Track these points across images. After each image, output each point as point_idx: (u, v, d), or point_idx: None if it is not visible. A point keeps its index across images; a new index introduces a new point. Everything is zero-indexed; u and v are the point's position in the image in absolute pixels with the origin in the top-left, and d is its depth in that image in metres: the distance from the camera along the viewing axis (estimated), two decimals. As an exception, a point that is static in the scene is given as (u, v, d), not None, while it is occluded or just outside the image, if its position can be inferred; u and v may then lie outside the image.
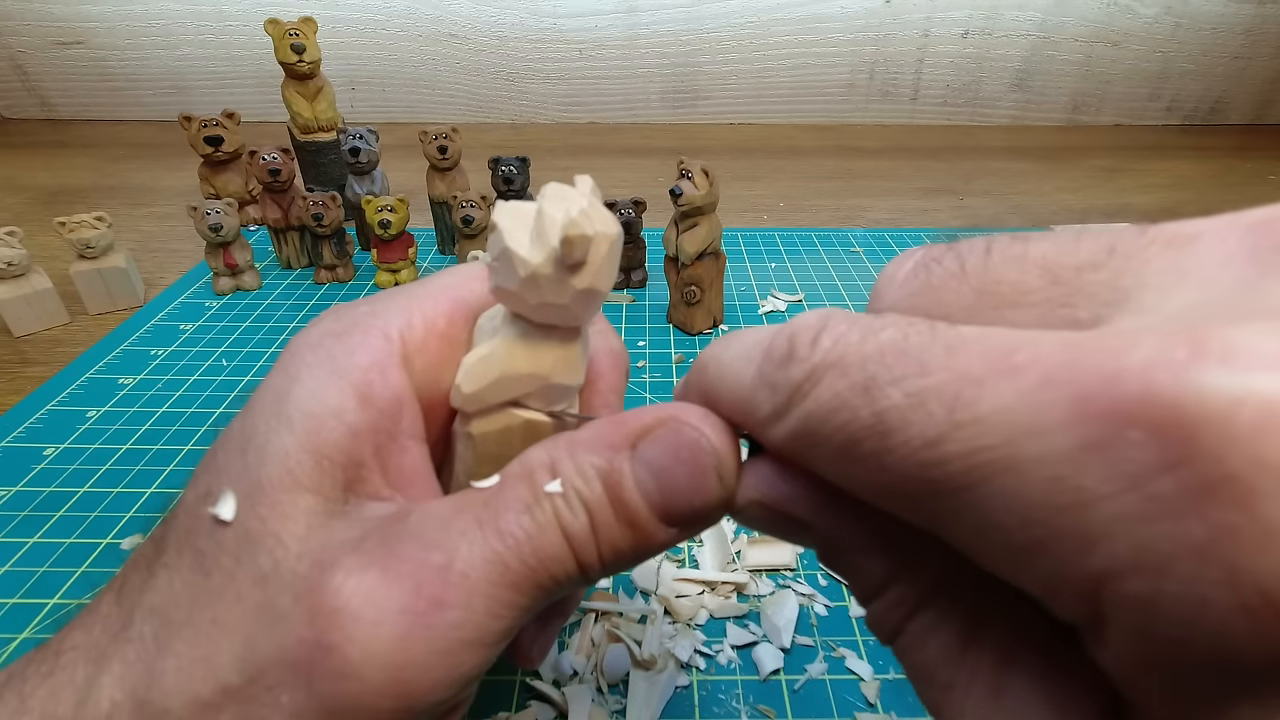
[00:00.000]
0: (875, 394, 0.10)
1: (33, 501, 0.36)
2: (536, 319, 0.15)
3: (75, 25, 1.01)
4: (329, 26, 1.00)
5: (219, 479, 0.15)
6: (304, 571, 0.13)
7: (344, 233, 0.58)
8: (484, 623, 0.14)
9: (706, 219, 0.48)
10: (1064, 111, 1.13)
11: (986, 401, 0.09)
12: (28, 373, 0.47)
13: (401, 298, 0.17)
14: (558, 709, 0.27)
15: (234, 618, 0.13)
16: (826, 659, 0.29)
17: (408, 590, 0.13)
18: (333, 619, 0.13)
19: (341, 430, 0.15)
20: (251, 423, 0.15)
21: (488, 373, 0.16)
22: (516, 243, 0.14)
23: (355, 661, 0.13)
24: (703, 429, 0.14)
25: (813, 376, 0.11)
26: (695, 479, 0.14)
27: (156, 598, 0.14)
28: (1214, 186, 0.86)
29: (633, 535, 0.14)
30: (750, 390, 0.13)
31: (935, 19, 1.05)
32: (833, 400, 0.11)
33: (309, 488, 0.14)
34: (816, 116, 1.13)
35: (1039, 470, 0.08)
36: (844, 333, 0.11)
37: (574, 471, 0.14)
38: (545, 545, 0.14)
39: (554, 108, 1.11)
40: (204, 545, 0.14)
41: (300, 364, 0.16)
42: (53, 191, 0.80)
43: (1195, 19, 1.06)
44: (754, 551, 0.33)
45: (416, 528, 0.14)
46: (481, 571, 0.13)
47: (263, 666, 0.13)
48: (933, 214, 0.76)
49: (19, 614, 0.30)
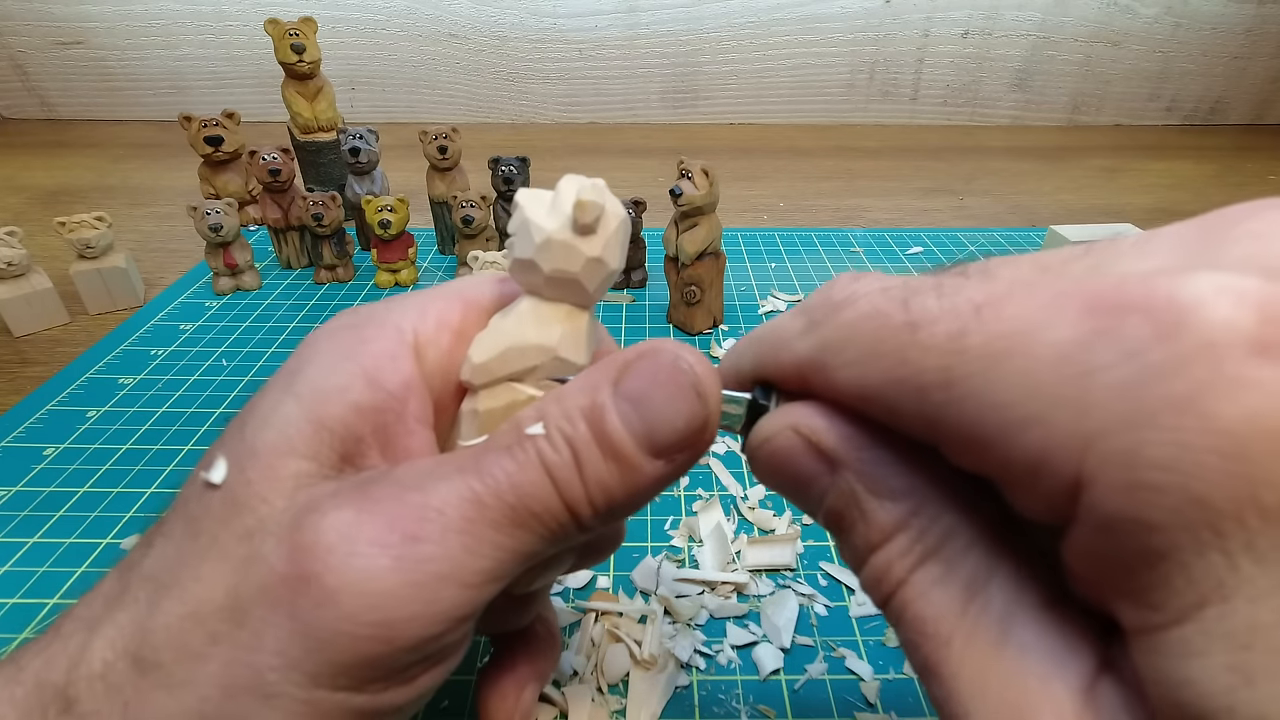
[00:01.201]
0: (911, 302, 0.12)
1: (33, 501, 0.36)
2: (549, 293, 0.16)
3: (75, 25, 1.01)
4: (329, 26, 1.00)
5: (218, 449, 0.15)
6: (287, 521, 0.14)
7: (344, 233, 0.58)
8: (462, 559, 0.14)
9: (706, 219, 0.48)
10: (1064, 111, 1.13)
11: (1010, 307, 0.11)
12: (28, 373, 0.47)
13: (417, 297, 0.18)
14: (558, 709, 0.27)
15: (219, 573, 0.14)
16: (826, 659, 0.29)
17: (381, 524, 0.14)
18: (310, 551, 0.13)
19: (344, 405, 0.15)
20: (261, 399, 0.16)
21: (497, 343, 0.16)
22: (535, 214, 0.16)
23: (332, 588, 0.13)
24: (678, 352, 0.15)
25: (852, 297, 0.13)
26: (674, 399, 0.15)
27: (150, 564, 0.15)
28: (1214, 186, 0.86)
29: (620, 470, 0.15)
30: (789, 319, 0.14)
31: (935, 19, 1.05)
32: (870, 310, 0.12)
33: (303, 453, 0.15)
34: (816, 116, 1.13)
35: (1050, 352, 0.10)
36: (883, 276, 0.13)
37: (559, 414, 0.15)
38: (526, 483, 0.14)
39: (554, 108, 1.11)
40: (194, 510, 0.15)
41: (315, 350, 0.16)
42: (53, 191, 0.80)
43: (1195, 19, 1.06)
44: (754, 551, 0.33)
45: (398, 475, 0.15)
46: (457, 509, 0.14)
47: (247, 610, 0.13)
48: (933, 214, 0.76)
49: (19, 614, 0.30)
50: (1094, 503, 0.10)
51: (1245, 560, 0.09)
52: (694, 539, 0.34)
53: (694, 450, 0.15)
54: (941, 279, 0.12)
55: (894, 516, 0.13)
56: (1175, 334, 0.09)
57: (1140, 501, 0.09)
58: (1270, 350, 0.09)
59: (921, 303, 0.12)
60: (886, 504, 0.13)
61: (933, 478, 0.13)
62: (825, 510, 0.14)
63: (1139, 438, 0.09)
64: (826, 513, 0.14)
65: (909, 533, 0.13)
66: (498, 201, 0.58)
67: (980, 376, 0.11)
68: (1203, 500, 0.09)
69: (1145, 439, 0.09)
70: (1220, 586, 0.09)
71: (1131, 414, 0.09)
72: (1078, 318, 0.10)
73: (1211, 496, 0.09)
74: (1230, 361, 0.09)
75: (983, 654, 0.11)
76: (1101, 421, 0.09)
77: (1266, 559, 0.09)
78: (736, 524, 0.35)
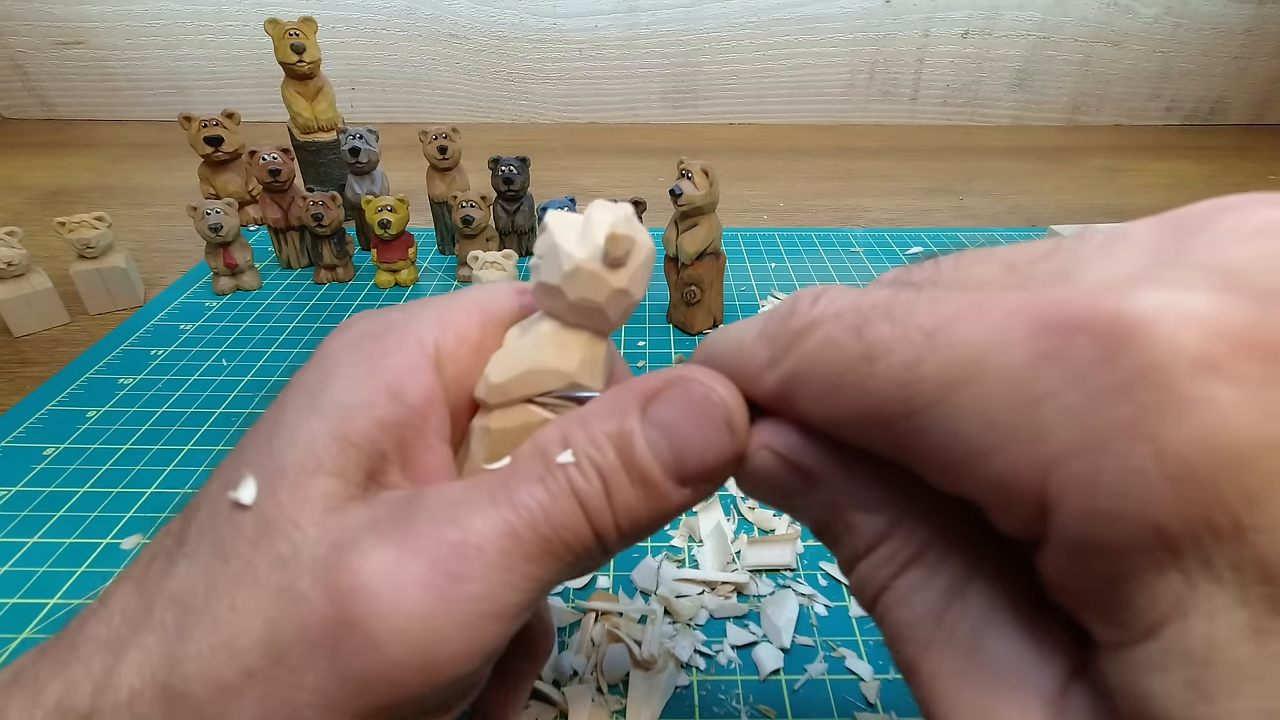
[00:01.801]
0: (865, 330, 0.12)
1: (33, 501, 0.36)
2: (571, 319, 0.16)
3: (75, 25, 1.01)
4: (329, 26, 1.00)
5: (242, 466, 0.15)
6: (322, 554, 0.14)
7: (344, 233, 0.58)
8: (502, 594, 0.14)
9: (706, 219, 0.48)
10: (1064, 111, 1.13)
11: (960, 330, 0.11)
12: (28, 373, 0.47)
13: (435, 307, 0.18)
14: (558, 709, 0.27)
15: (253, 602, 0.14)
16: (826, 659, 0.29)
17: (425, 565, 0.13)
18: (354, 595, 0.13)
19: (370, 421, 0.15)
20: (282, 414, 0.16)
21: (516, 365, 0.16)
22: (565, 240, 0.16)
23: (378, 635, 0.13)
24: (711, 384, 0.15)
25: (811, 325, 0.13)
26: (706, 432, 0.14)
27: (176, 585, 0.14)
28: (1214, 186, 0.86)
29: (647, 497, 0.15)
30: (751, 345, 0.14)
31: (935, 19, 1.05)
32: (825, 340, 0.12)
33: (331, 471, 0.15)
34: (816, 116, 1.13)
35: (1002, 378, 0.10)
36: (841, 294, 0.13)
37: (586, 440, 0.15)
38: (559, 514, 0.14)
39: (554, 108, 1.11)
40: (222, 531, 0.14)
41: (336, 361, 0.16)
42: (53, 191, 0.80)
43: (1195, 19, 1.06)
44: (754, 551, 0.33)
45: (431, 506, 0.14)
46: (496, 544, 0.14)
47: (286, 648, 0.13)
48: (933, 214, 0.76)
49: (19, 614, 0.30)
50: (1059, 528, 0.10)
51: (1202, 579, 0.09)
52: (694, 539, 0.34)
53: (719, 480, 0.15)
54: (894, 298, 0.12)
55: (876, 528, 0.13)
56: (1121, 355, 0.09)
57: (1099, 527, 0.09)
58: (1216, 368, 0.09)
59: (875, 331, 0.12)
60: (868, 516, 0.13)
61: (912, 486, 0.13)
62: (811, 521, 0.15)
63: (1093, 464, 0.09)
64: (813, 523, 0.15)
65: (891, 542, 0.13)
66: (498, 201, 0.58)
67: (937, 407, 0.11)
68: (1158, 525, 0.09)
69: (1099, 465, 0.09)
70: (1179, 604, 0.09)
71: (1084, 440, 0.09)
72: (1026, 340, 0.10)
73: (1166, 521, 0.09)
74: (1176, 382, 0.09)
75: (958, 659, 0.12)
76: (1056, 448, 0.09)
77: (1222, 578, 0.09)
78: (736, 524, 0.35)
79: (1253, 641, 0.09)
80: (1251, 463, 0.08)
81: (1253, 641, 0.09)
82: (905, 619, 0.13)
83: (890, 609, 0.13)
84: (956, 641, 0.12)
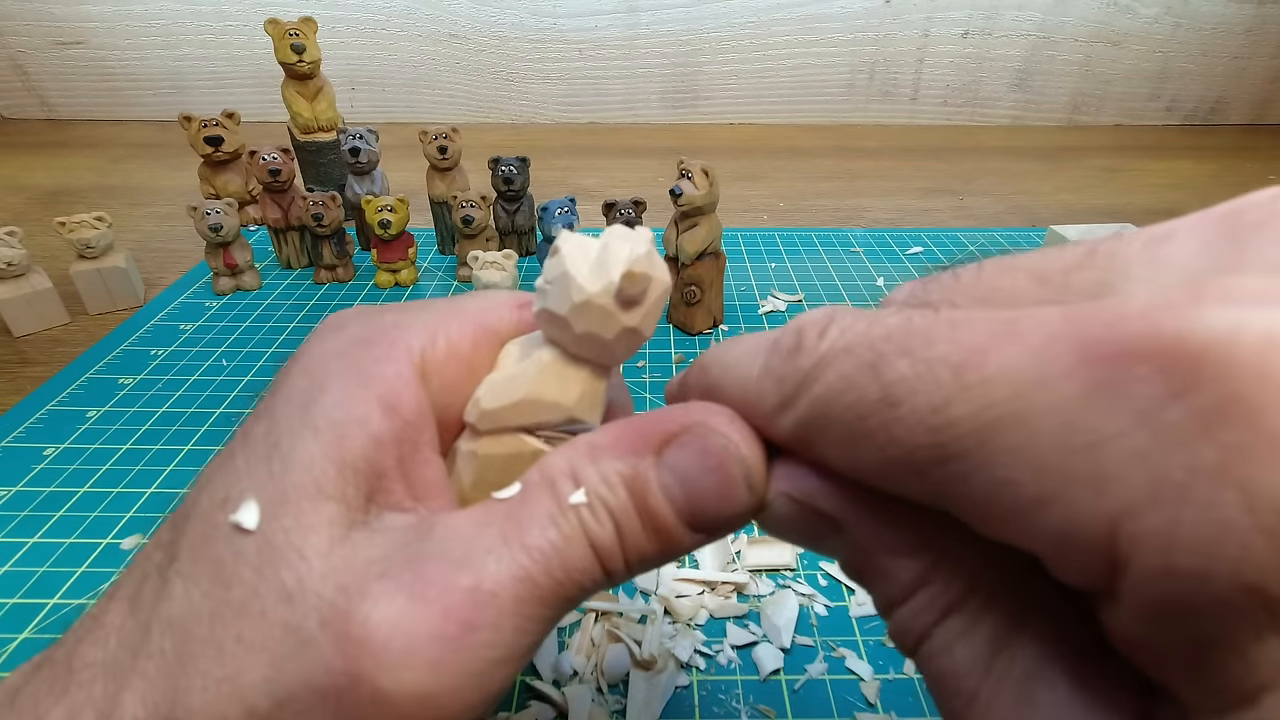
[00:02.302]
0: (882, 368, 0.10)
1: (33, 501, 0.36)
2: (573, 350, 0.15)
3: (75, 25, 1.01)
4: (329, 26, 1.00)
5: (239, 485, 0.14)
6: (329, 595, 0.13)
7: (344, 233, 0.58)
8: (513, 640, 0.13)
9: (706, 219, 0.48)
10: (1064, 111, 1.13)
11: (992, 362, 0.09)
12: (28, 373, 0.47)
13: (428, 313, 0.17)
14: (558, 709, 0.27)
15: (259, 637, 0.13)
16: (826, 659, 0.29)
17: (437, 615, 0.13)
18: (363, 648, 0.13)
19: (365, 439, 0.15)
20: (276, 429, 0.15)
21: (513, 393, 0.16)
22: (577, 269, 0.14)
23: (387, 690, 0.12)
24: (730, 435, 0.14)
25: (821, 363, 0.11)
26: (724, 488, 0.14)
27: (174, 609, 0.14)
28: (1214, 186, 0.86)
29: (659, 542, 0.14)
30: (756, 384, 0.13)
31: (935, 19, 1.05)
32: (840, 382, 0.11)
33: (333, 496, 0.14)
34: (816, 116, 1.13)
35: (1049, 418, 0.09)
36: (850, 323, 0.12)
37: (598, 479, 0.14)
38: (572, 558, 0.14)
39: (554, 108, 1.11)
40: (223, 554, 0.14)
41: (327, 372, 0.15)
42: (53, 191, 0.80)
43: (1195, 19, 1.06)
44: (754, 551, 0.33)
45: (441, 546, 0.14)
46: (510, 590, 0.13)
47: (291, 691, 0.13)
48: (933, 214, 0.76)
49: (19, 614, 0.30)
50: (1132, 585, 0.09)
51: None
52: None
53: (735, 528, 0.15)
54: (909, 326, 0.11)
55: (912, 574, 0.12)
56: (1193, 387, 0.08)
57: (1183, 587, 0.08)
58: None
59: (894, 370, 0.10)
60: (902, 561, 0.12)
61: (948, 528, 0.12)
62: (842, 564, 0.14)
63: (1171, 517, 0.08)
64: (844, 566, 0.14)
65: (930, 588, 0.12)
66: (498, 201, 0.58)
67: (977, 452, 0.09)
68: (1253, 586, 0.08)
69: (1178, 518, 0.08)
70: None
71: (1157, 489, 0.08)
72: (1073, 371, 0.09)
73: (1263, 581, 0.08)
74: (1266, 416, 0.07)
75: (1007, 713, 0.11)
76: (1124, 499, 0.08)
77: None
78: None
79: None
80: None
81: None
82: (948, 669, 0.12)
83: (932, 658, 0.12)
84: (1005, 694, 0.11)
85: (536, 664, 0.28)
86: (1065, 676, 0.10)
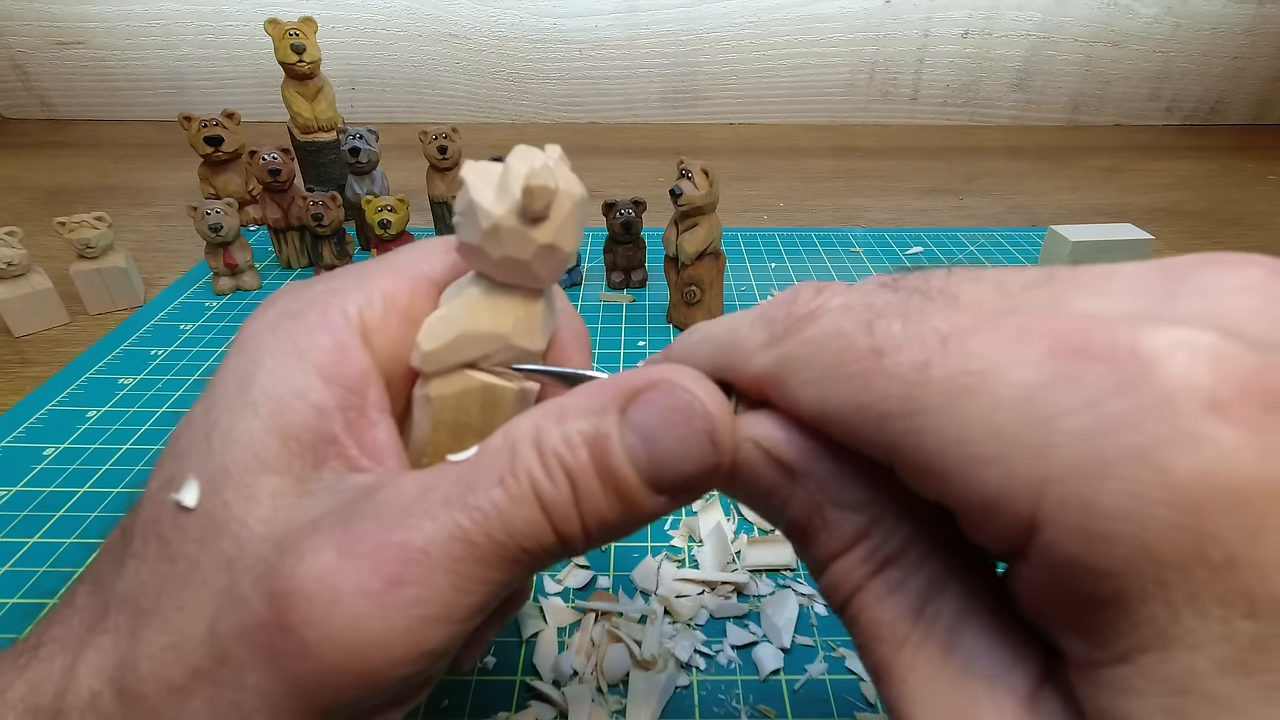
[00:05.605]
0: (876, 325, 0.12)
1: (33, 501, 0.36)
2: (499, 277, 0.15)
3: (75, 25, 1.01)
4: (329, 26, 1.00)
5: (182, 465, 0.15)
6: (264, 554, 0.14)
7: (344, 233, 0.58)
8: (450, 598, 0.13)
9: (706, 219, 0.48)
10: (1064, 111, 1.13)
11: (975, 340, 0.11)
12: (28, 373, 0.47)
13: (360, 274, 0.17)
14: (558, 709, 0.27)
15: (199, 602, 0.14)
16: (826, 659, 0.29)
17: (363, 570, 0.13)
18: (289, 600, 0.13)
19: (307, 410, 0.15)
20: (215, 408, 0.15)
21: (447, 330, 0.16)
22: (481, 195, 0.14)
23: (312, 642, 0.13)
24: (695, 391, 0.14)
25: (815, 313, 0.13)
26: (688, 444, 0.14)
27: (127, 587, 0.14)
28: (1214, 186, 0.86)
29: (620, 505, 0.14)
30: (746, 330, 0.14)
31: (935, 19, 1.05)
32: (833, 328, 0.12)
33: (276, 469, 0.14)
34: (816, 116, 1.13)
35: (1012, 392, 0.10)
36: (845, 288, 0.13)
37: (559, 439, 0.14)
38: (516, 519, 0.13)
39: (554, 108, 1.11)
40: (168, 532, 0.14)
41: (260, 347, 0.16)
42: (53, 191, 0.80)
43: (1195, 19, 1.06)
44: (754, 551, 0.33)
45: (379, 505, 0.14)
46: (444, 548, 0.13)
47: (228, 648, 0.13)
48: (933, 214, 0.76)
49: (19, 614, 0.30)
50: (1046, 544, 0.10)
51: (1187, 611, 0.09)
52: (694, 539, 0.34)
53: (700, 490, 0.15)
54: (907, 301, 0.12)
55: (855, 526, 0.13)
56: (1136, 386, 0.09)
57: (1092, 548, 0.09)
58: (1223, 409, 0.09)
59: (887, 328, 0.12)
60: (848, 514, 0.13)
61: (892, 487, 0.13)
62: (787, 520, 0.14)
63: (1095, 486, 0.09)
64: (789, 522, 0.14)
65: (869, 541, 0.13)
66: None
67: (942, 411, 0.11)
68: (1152, 552, 0.09)
69: (1101, 488, 0.09)
70: (1161, 634, 0.09)
71: (1089, 462, 0.09)
72: (1041, 360, 0.10)
73: (1161, 549, 0.09)
74: (1186, 417, 0.09)
75: (932, 659, 0.12)
76: (1059, 466, 0.10)
77: (1208, 612, 0.09)
78: (736, 524, 0.35)
79: (1233, 675, 0.09)
80: (1249, 501, 0.09)
81: (1233, 675, 0.09)
82: (880, 618, 0.13)
83: (864, 609, 0.13)
84: (932, 641, 0.12)
85: (536, 664, 0.28)
86: (985, 626, 0.12)
